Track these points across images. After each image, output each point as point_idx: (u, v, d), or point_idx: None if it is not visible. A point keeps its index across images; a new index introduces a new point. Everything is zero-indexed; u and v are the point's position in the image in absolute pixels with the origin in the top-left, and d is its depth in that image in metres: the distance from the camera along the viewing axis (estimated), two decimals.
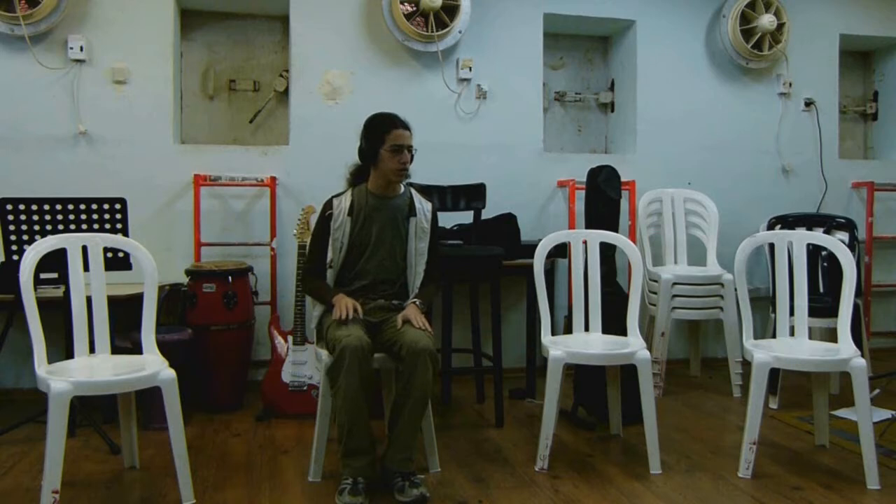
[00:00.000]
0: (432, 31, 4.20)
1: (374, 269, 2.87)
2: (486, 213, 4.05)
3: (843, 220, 4.06)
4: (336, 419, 2.67)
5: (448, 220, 4.03)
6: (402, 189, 2.94)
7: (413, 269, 2.91)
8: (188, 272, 3.69)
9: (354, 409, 2.55)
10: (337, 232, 2.84)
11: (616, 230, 3.51)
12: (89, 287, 2.67)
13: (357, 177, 2.94)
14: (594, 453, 3.09)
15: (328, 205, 2.90)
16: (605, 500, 2.60)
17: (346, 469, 2.59)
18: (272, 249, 4.11)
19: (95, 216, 3.18)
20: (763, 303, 4.44)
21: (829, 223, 4.07)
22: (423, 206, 2.95)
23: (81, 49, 3.93)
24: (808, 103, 4.93)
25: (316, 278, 2.90)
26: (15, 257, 3.02)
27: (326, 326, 2.74)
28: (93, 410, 3.26)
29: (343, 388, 2.53)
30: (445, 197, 4.01)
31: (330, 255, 2.86)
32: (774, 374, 3.37)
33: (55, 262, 2.66)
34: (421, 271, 2.91)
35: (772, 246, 3.11)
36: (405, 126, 2.83)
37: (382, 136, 2.79)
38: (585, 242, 3.19)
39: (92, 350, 2.67)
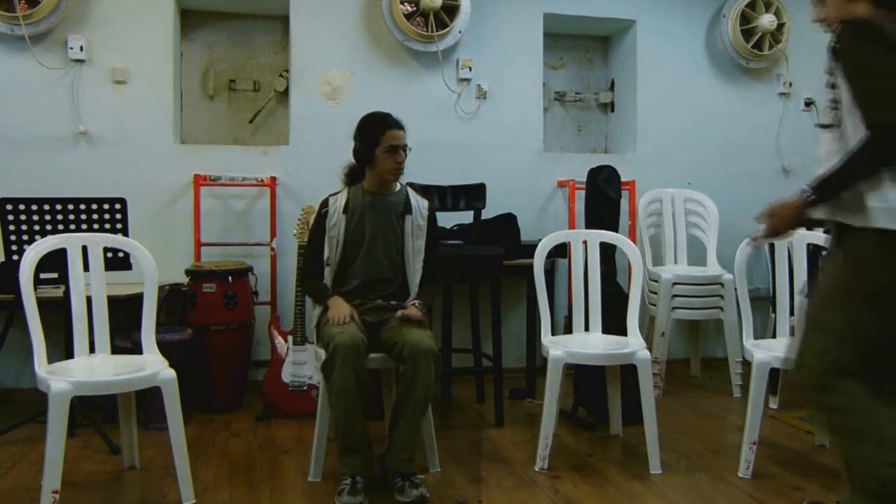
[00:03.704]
0: (432, 31, 4.20)
1: (370, 266, 2.87)
2: (486, 213, 4.05)
3: None
4: (331, 416, 2.68)
5: (448, 220, 4.03)
6: (398, 187, 2.95)
7: (411, 267, 2.91)
8: (188, 272, 3.69)
9: (348, 406, 2.55)
10: (333, 230, 2.86)
11: (616, 230, 3.51)
12: (89, 287, 2.67)
13: (352, 177, 2.95)
14: (594, 453, 3.09)
15: (324, 203, 2.92)
16: (605, 500, 2.60)
17: (343, 468, 2.59)
18: (272, 249, 4.11)
19: (95, 216, 3.18)
20: (763, 303, 4.43)
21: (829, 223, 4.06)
22: (419, 203, 2.95)
23: (81, 49, 3.93)
24: (808, 103, 4.93)
25: (313, 278, 2.91)
26: (15, 257, 3.02)
27: (323, 325, 2.76)
28: (93, 410, 3.26)
29: (336, 384, 2.54)
30: (445, 197, 4.01)
31: (326, 252, 2.87)
32: (774, 374, 3.36)
33: (55, 262, 2.66)
34: (419, 269, 2.91)
35: (772, 246, 3.11)
36: (399, 126, 2.83)
37: (377, 137, 2.80)
38: (585, 242, 3.19)
39: (92, 350, 2.67)
